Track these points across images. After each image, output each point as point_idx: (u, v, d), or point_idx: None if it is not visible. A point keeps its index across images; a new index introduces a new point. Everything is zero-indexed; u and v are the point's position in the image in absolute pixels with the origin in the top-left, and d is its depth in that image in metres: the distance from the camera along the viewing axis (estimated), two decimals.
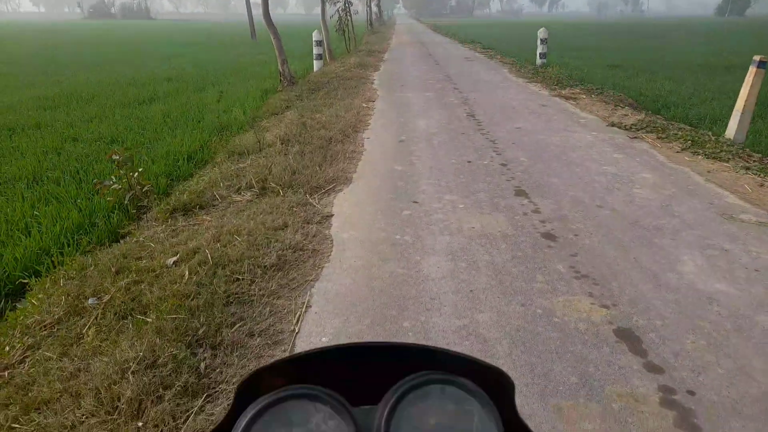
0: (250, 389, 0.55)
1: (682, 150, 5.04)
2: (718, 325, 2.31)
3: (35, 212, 3.77)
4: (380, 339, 2.14)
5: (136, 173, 3.70)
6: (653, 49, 18.18)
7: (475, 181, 4.35)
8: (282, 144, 5.20)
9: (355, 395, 0.56)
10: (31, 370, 2.09)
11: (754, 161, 4.64)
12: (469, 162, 4.89)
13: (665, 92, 8.54)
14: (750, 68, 5.21)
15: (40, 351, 2.21)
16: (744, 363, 2.06)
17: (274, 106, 7.90)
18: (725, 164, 4.58)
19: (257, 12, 21.68)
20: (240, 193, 4.07)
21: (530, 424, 0.55)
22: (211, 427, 0.52)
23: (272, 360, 0.57)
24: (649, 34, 28.11)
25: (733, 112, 5.37)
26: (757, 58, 5.18)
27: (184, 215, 3.73)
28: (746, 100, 5.19)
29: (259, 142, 5.22)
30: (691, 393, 1.92)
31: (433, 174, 4.58)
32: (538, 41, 12.44)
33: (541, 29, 12.50)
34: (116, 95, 8.74)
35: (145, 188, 3.70)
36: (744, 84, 5.21)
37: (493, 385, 0.57)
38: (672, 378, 1.99)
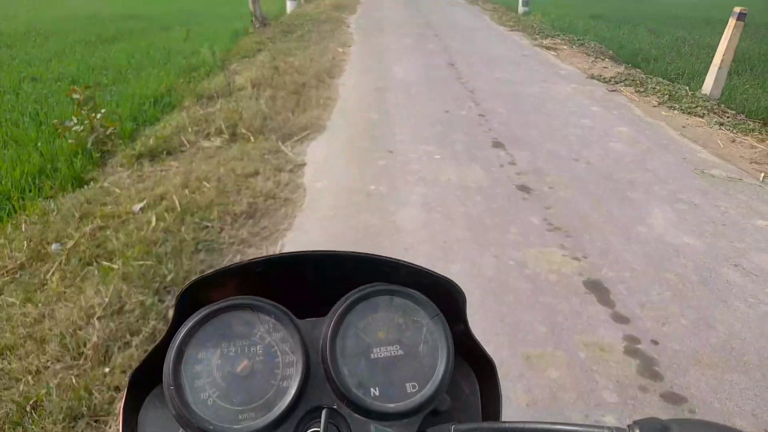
0: (192, 301, 0.51)
1: (659, 104, 5.04)
2: (684, 277, 2.37)
3: None
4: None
5: (99, 114, 3.52)
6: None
7: (453, 132, 4.29)
8: (253, 88, 5.00)
9: (302, 308, 0.53)
10: None
11: (728, 117, 4.67)
12: (447, 112, 4.80)
13: (645, 45, 8.46)
14: (729, 20, 5.15)
15: (3, 296, 2.14)
16: (707, 314, 2.13)
17: (245, 48, 7.56)
18: (700, 119, 4.60)
19: None
20: (209, 139, 3.93)
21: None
22: (156, 341, 0.49)
23: (213, 270, 0.54)
24: None
25: (711, 68, 5.35)
26: (737, 9, 5.09)
27: (150, 161, 3.59)
28: (724, 55, 5.16)
29: (229, 85, 5.01)
30: (655, 342, 1.98)
31: (410, 124, 4.48)
32: None
33: None
34: (77, 33, 8.22)
35: (109, 131, 3.53)
36: (723, 37, 5.16)
37: (443, 297, 0.55)
38: (637, 328, 2.05)
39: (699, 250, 2.58)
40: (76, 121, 3.40)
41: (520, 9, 11.99)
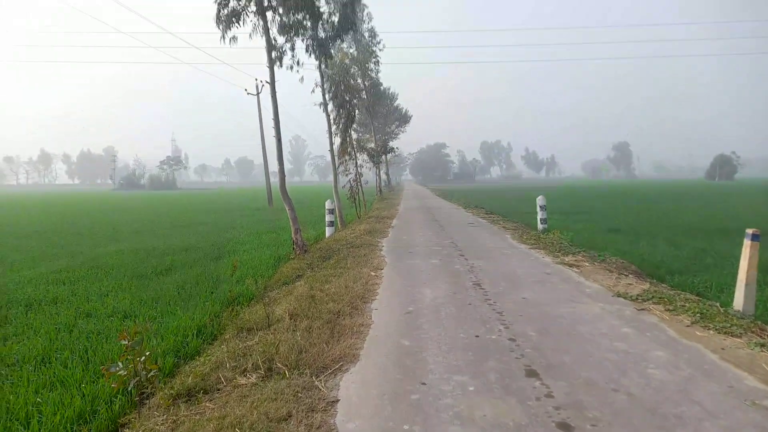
0: None
1: (692, 324, 5.00)
2: None
3: (38, 399, 3.71)
4: None
5: (143, 357, 3.70)
6: (650, 212, 19.00)
7: (485, 359, 4.27)
8: (290, 319, 5.25)
9: None
10: None
11: None
12: (477, 336, 4.85)
13: (667, 258, 8.74)
14: (744, 241, 5.38)
15: None
16: None
17: (286, 275, 8.13)
18: (738, 340, 4.50)
19: (274, 180, 23.54)
20: (245, 375, 4.01)
21: None
22: None
23: None
24: (643, 198, 29.65)
25: (737, 284, 5.42)
26: (750, 231, 5.36)
27: (187, 401, 3.64)
28: (747, 273, 5.28)
29: (268, 317, 5.29)
30: None
31: (442, 350, 4.52)
32: (538, 208, 13.12)
33: (540, 197, 13.28)
34: (135, 267, 9.09)
35: (151, 374, 3.68)
36: (742, 257, 5.35)
37: None
38: None
39: None
40: (121, 366, 3.58)
41: (539, 227, 12.83)
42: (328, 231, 13.41)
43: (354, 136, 21.50)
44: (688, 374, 3.81)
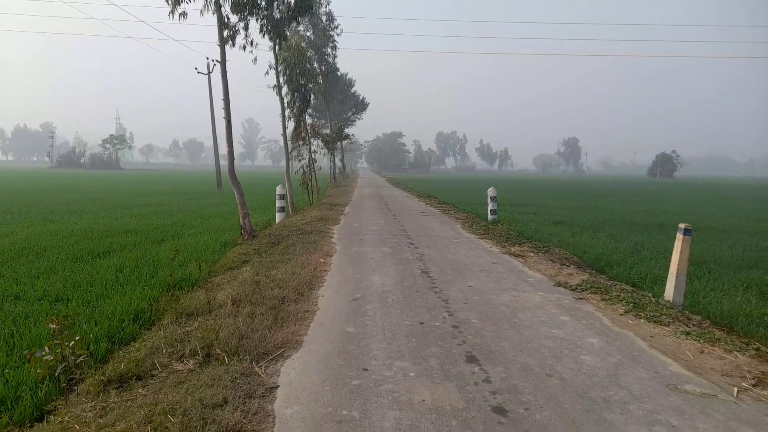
0: None
1: (625, 313, 5.23)
2: None
3: None
4: None
5: (72, 342, 3.52)
6: (594, 207, 19.75)
7: (427, 345, 4.33)
8: (233, 305, 5.13)
9: None
10: None
11: (694, 325, 4.83)
12: (422, 323, 4.90)
13: (607, 250, 9.10)
14: (677, 236, 5.66)
15: None
16: None
17: (232, 260, 7.94)
18: (666, 328, 4.74)
19: (224, 163, 22.97)
20: (182, 361, 3.89)
21: None
22: None
23: None
24: (590, 193, 30.79)
25: (669, 276, 5.71)
26: (682, 226, 5.64)
27: (119, 387, 3.50)
28: (678, 265, 5.56)
29: (209, 303, 5.14)
30: None
31: (386, 336, 4.54)
32: (489, 199, 13.38)
33: (491, 189, 13.54)
34: (70, 248, 8.63)
35: (80, 359, 3.50)
36: (674, 250, 5.63)
37: None
38: None
39: None
40: (47, 350, 3.39)
41: (489, 218, 13.10)
42: (278, 217, 13.20)
43: (309, 121, 21.20)
44: (618, 360, 3.99)
